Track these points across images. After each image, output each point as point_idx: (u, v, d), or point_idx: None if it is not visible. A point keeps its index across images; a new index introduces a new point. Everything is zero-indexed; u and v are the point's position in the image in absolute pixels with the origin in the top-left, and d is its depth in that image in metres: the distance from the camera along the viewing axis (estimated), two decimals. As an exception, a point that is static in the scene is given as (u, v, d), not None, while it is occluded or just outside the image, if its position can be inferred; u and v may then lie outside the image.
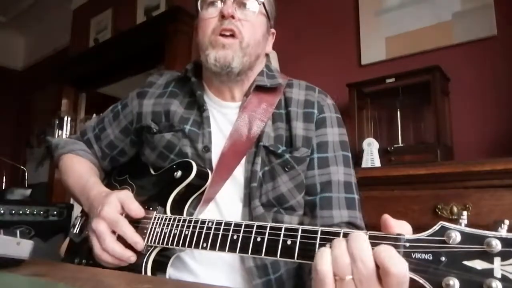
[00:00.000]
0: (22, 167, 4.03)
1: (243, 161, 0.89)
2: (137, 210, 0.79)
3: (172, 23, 2.55)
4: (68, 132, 3.51)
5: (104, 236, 0.76)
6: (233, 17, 0.89)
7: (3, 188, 4.18)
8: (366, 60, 2.07)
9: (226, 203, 0.88)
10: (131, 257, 0.76)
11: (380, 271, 0.48)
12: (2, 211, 2.28)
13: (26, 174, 3.88)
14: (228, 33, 0.89)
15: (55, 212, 2.47)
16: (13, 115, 5.11)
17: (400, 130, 1.84)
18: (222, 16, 0.89)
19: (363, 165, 1.71)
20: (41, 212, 2.44)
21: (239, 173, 0.89)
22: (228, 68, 0.89)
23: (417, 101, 1.84)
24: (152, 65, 3.05)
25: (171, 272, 0.84)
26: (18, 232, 0.63)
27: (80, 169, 1.01)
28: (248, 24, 0.91)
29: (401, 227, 0.51)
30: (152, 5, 3.14)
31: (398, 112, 1.86)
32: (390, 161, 1.69)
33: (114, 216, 0.77)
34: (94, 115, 3.22)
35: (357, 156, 1.77)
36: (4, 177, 4.40)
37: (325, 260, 0.50)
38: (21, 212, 2.35)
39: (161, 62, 2.70)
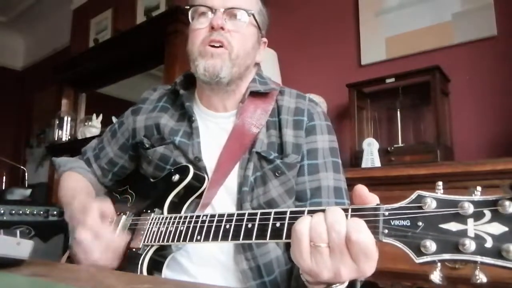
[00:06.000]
0: (22, 167, 4.03)
1: (236, 167, 0.90)
2: (108, 210, 0.83)
3: (172, 23, 2.54)
4: (68, 132, 3.50)
5: (92, 247, 0.77)
6: (222, 28, 0.89)
7: (3, 188, 4.18)
8: (366, 60, 2.07)
9: (221, 208, 0.89)
10: None
11: (346, 239, 0.51)
12: (2, 211, 2.28)
13: (26, 174, 3.88)
14: (217, 44, 0.89)
15: (55, 212, 2.47)
16: (13, 115, 5.11)
17: (400, 130, 1.84)
18: (212, 27, 0.89)
19: (363, 165, 1.71)
20: (41, 212, 2.44)
21: (232, 178, 0.90)
22: (217, 78, 0.90)
23: (417, 101, 1.84)
24: (152, 65, 3.04)
25: (167, 273, 0.84)
26: (18, 232, 0.63)
27: (72, 184, 1.04)
28: (238, 35, 0.91)
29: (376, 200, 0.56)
30: (152, 5, 3.14)
31: (398, 112, 1.86)
32: (390, 161, 1.69)
33: (96, 225, 0.79)
34: (94, 115, 3.22)
35: (357, 156, 1.78)
36: (4, 177, 4.40)
37: (303, 222, 0.55)
38: (21, 212, 2.35)
39: (161, 62, 2.69)
